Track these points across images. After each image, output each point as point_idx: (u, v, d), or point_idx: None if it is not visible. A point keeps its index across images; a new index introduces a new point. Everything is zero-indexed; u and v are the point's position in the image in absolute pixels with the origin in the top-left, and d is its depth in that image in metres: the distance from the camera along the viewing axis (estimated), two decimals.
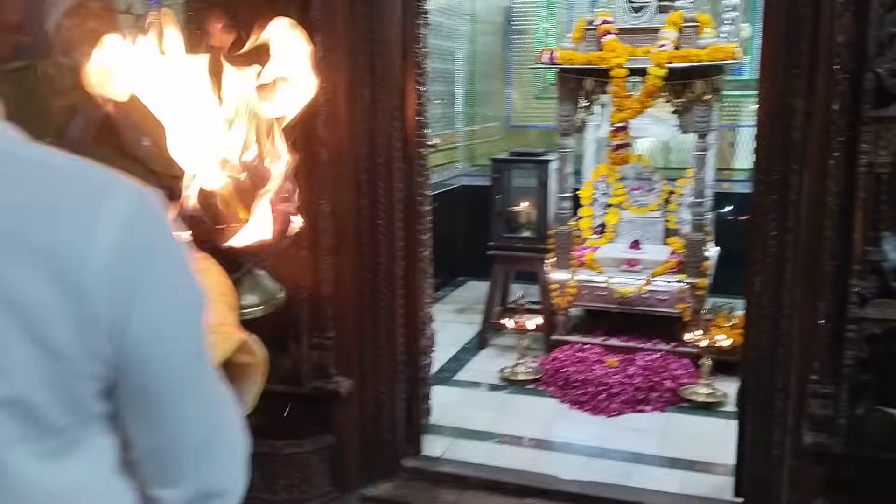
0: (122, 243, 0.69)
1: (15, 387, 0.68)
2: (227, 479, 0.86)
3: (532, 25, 6.11)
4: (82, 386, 0.72)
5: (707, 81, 3.92)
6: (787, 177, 2.37)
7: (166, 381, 0.77)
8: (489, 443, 3.38)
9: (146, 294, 0.71)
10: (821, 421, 2.25)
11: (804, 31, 2.24)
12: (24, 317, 0.67)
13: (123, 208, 0.70)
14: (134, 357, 0.73)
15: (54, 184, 0.70)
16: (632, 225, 4.64)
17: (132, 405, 0.77)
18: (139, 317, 0.71)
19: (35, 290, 0.67)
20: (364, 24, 2.73)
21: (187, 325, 0.78)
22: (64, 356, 0.69)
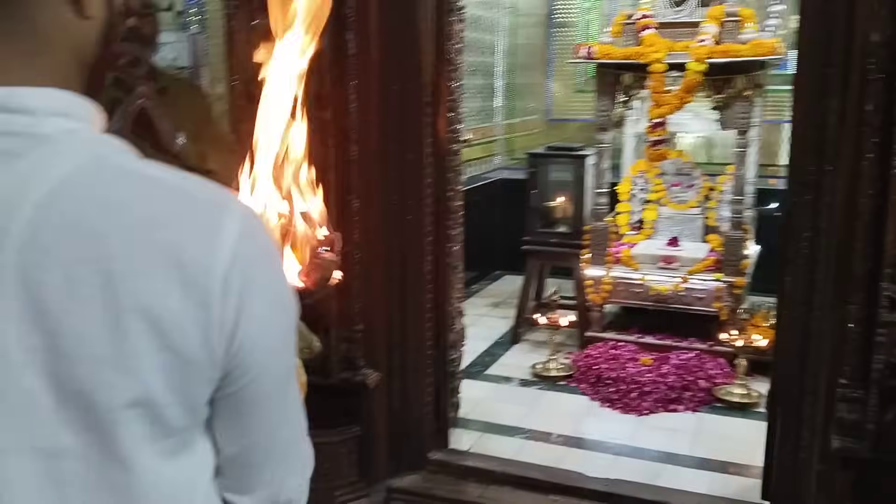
0: (237, 253, 0.73)
1: (144, 389, 0.72)
2: (296, 489, 0.88)
3: (574, 18, 6.07)
4: (201, 390, 0.76)
5: (748, 77, 3.85)
6: (820, 177, 2.32)
7: (261, 389, 0.80)
8: (517, 438, 3.40)
9: (253, 302, 0.75)
10: (849, 425, 2.21)
11: (839, 29, 2.20)
12: (158, 324, 0.70)
13: (240, 222, 0.74)
14: (238, 363, 0.76)
15: (182, 201, 0.74)
16: (671, 221, 4.60)
17: (225, 412, 0.80)
18: (247, 323, 0.75)
19: (167, 298, 0.70)
20: (396, 18, 2.75)
21: (285, 334, 0.81)
22: (191, 361, 0.73)
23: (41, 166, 0.70)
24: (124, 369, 0.71)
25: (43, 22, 0.74)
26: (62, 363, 0.70)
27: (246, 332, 0.75)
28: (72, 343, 0.70)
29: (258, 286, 0.76)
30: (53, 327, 0.70)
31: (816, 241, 2.34)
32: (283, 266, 0.84)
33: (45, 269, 0.69)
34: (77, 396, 0.71)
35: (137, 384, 0.71)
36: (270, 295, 0.78)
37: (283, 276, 0.83)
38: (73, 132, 0.74)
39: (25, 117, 0.71)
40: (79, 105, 0.76)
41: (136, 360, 0.71)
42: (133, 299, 0.70)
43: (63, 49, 0.76)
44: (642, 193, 4.68)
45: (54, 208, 0.69)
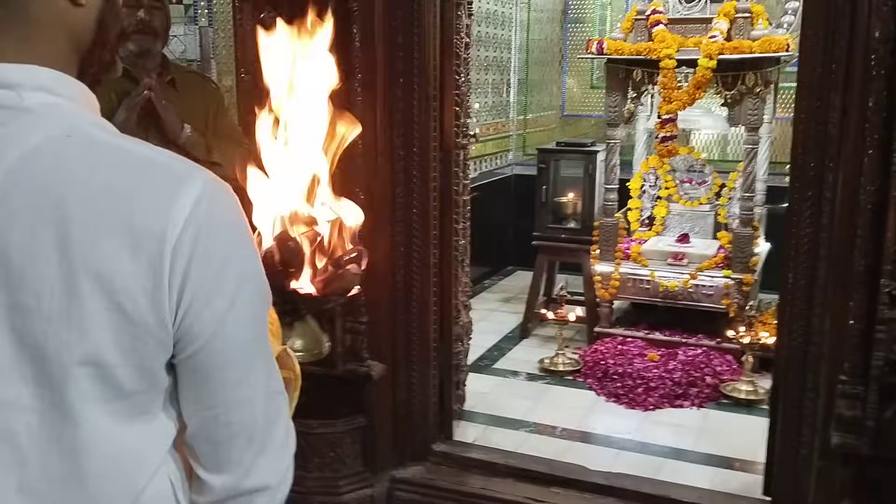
0: (190, 221, 0.76)
1: (94, 348, 0.75)
2: (273, 474, 0.88)
3: (589, 13, 6.06)
4: (153, 354, 0.78)
5: (759, 74, 3.84)
6: (822, 173, 2.32)
7: (215, 358, 0.81)
8: (522, 431, 3.41)
9: (203, 269, 0.77)
10: (849, 422, 2.20)
11: (842, 25, 2.19)
12: (108, 286, 0.74)
13: (199, 191, 0.78)
14: (187, 328, 0.79)
15: (145, 170, 0.78)
16: (681, 218, 4.59)
17: (184, 380, 0.83)
18: (194, 289, 0.77)
19: (118, 262, 0.74)
20: (402, 11, 2.77)
21: (243, 305, 0.82)
22: (140, 324, 0.76)
23: (18, 135, 0.76)
24: (76, 328, 0.75)
25: (36, 9, 0.79)
26: (20, 318, 0.75)
27: (194, 298, 0.78)
28: (30, 299, 0.74)
29: (210, 254, 0.78)
30: (15, 283, 0.74)
31: (817, 237, 2.34)
32: (249, 239, 0.85)
33: (10, 229, 0.74)
34: (32, 350, 0.75)
35: (87, 343, 0.75)
36: (223, 264, 0.80)
37: (246, 248, 0.84)
38: (54, 106, 0.79)
39: (8, 91, 0.77)
40: (61, 81, 0.80)
41: (86, 320, 0.75)
42: (85, 261, 0.74)
43: (57, 35, 0.81)
44: (653, 190, 4.67)
45: (23, 173, 0.75)
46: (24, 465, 0.76)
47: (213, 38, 3.30)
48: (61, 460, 0.77)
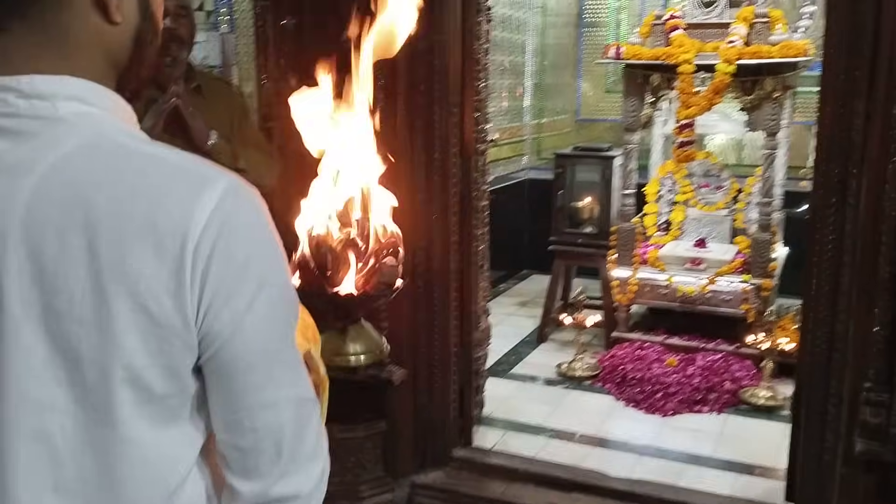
0: (211, 222, 0.77)
1: (123, 351, 0.77)
2: (304, 481, 0.87)
3: (604, 18, 6.06)
4: (180, 355, 0.79)
5: (777, 79, 3.83)
6: (846, 180, 2.32)
7: (237, 360, 0.82)
8: (542, 437, 3.41)
9: (222, 269, 0.78)
10: (873, 429, 2.21)
11: (866, 32, 2.19)
12: (134, 288, 0.76)
13: (221, 193, 0.79)
14: (211, 328, 0.80)
15: (170, 173, 0.79)
16: (698, 223, 4.58)
17: (211, 383, 0.83)
18: (213, 289, 0.78)
19: (142, 264, 0.76)
20: (423, 19, 2.78)
21: (264, 307, 0.82)
22: (164, 325, 0.77)
23: (51, 143, 0.78)
24: (105, 330, 0.77)
25: (75, 28, 0.81)
26: (54, 320, 0.77)
27: (214, 296, 0.78)
28: (63, 303, 0.76)
29: (230, 253, 0.79)
30: (49, 286, 0.77)
31: (841, 243, 2.34)
32: (272, 243, 0.85)
33: (43, 233, 0.76)
34: (66, 353, 0.77)
35: (117, 345, 0.77)
36: (243, 264, 0.80)
37: (269, 250, 0.84)
38: (86, 115, 0.81)
39: (43, 102, 0.79)
40: (95, 91, 0.83)
41: (114, 323, 0.76)
42: (112, 264, 0.76)
43: (94, 52, 0.83)
44: (670, 194, 4.66)
45: (55, 180, 0.77)
46: (60, 465, 0.78)
47: (234, 45, 3.33)
48: (96, 462, 0.79)
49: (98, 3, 0.81)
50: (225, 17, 3.30)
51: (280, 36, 2.88)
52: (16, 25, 0.79)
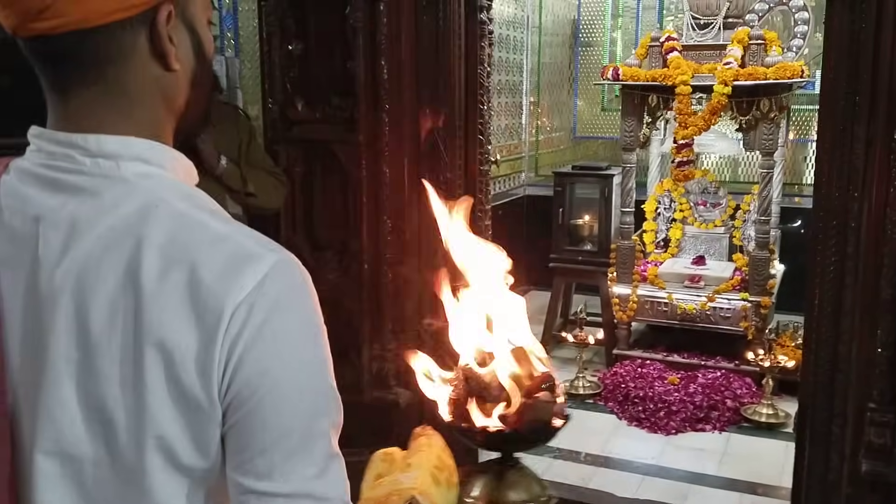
0: (248, 298, 0.76)
1: (154, 418, 0.77)
2: None
3: (599, 38, 6.13)
4: (207, 429, 0.78)
5: (773, 99, 3.88)
6: (846, 203, 2.35)
7: (259, 439, 0.78)
8: (546, 457, 3.43)
9: (252, 349, 0.77)
10: (878, 449, 2.23)
11: (865, 56, 2.23)
12: (169, 357, 0.76)
13: (265, 271, 0.77)
14: (234, 404, 0.77)
15: (218, 246, 0.78)
16: (696, 240, 4.63)
17: (227, 459, 0.80)
18: (240, 369, 0.76)
19: (180, 335, 0.76)
20: (428, 44, 2.82)
21: (289, 389, 0.79)
22: (192, 397, 0.76)
23: (112, 204, 0.79)
24: (140, 396, 0.77)
25: (134, 81, 0.82)
26: (92, 380, 0.78)
27: (235, 374, 0.76)
28: (102, 364, 0.77)
29: (260, 334, 0.76)
30: (92, 347, 0.77)
31: (843, 265, 2.36)
32: (311, 325, 0.81)
33: (93, 293, 0.77)
34: (100, 413, 0.78)
35: (149, 412, 0.77)
36: (270, 345, 0.77)
37: (305, 334, 0.80)
38: (149, 176, 0.82)
39: (108, 161, 0.80)
40: (158, 151, 0.84)
41: (148, 390, 0.77)
42: (152, 330, 0.76)
43: (154, 102, 0.84)
44: (667, 212, 4.71)
45: (112, 241, 0.78)
46: None
47: (239, 68, 3.35)
48: None
49: (157, 53, 0.82)
50: (230, 40, 3.33)
51: (286, 60, 2.91)
52: (78, 86, 0.81)
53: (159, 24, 0.81)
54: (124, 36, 0.80)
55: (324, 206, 2.99)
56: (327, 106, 2.88)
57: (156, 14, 0.81)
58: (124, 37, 0.80)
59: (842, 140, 2.34)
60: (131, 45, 0.81)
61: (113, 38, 0.79)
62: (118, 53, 0.80)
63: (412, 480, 1.04)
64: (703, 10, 4.15)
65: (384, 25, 2.69)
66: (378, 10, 2.66)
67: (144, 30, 0.81)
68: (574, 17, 6.17)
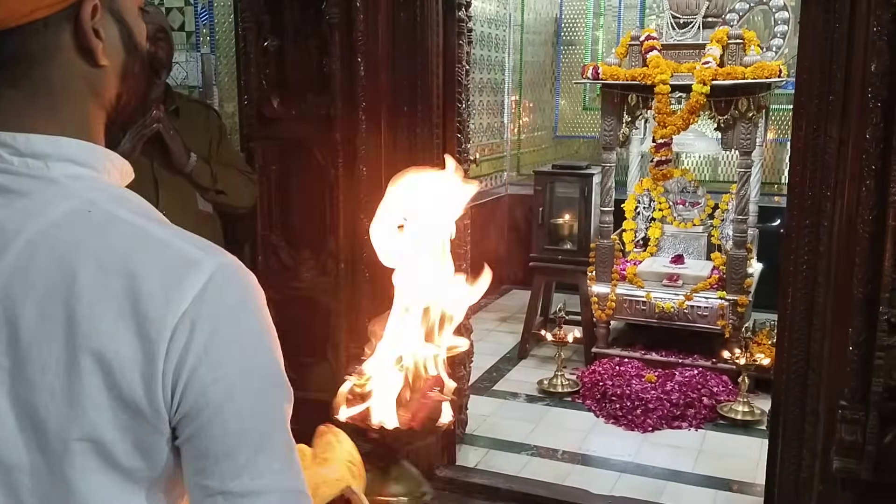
0: (191, 308, 0.75)
1: (93, 426, 0.76)
2: None
3: (581, 37, 6.14)
4: (149, 436, 0.77)
5: (751, 98, 3.90)
6: (820, 202, 2.37)
7: (217, 444, 0.78)
8: (524, 455, 3.43)
9: (202, 359, 0.76)
10: (849, 447, 2.24)
11: (839, 58, 2.25)
12: (108, 367, 0.74)
13: (205, 279, 0.76)
14: (186, 414, 0.77)
15: (157, 253, 0.77)
16: (675, 239, 4.65)
17: (190, 467, 0.80)
18: (193, 379, 0.76)
19: (120, 345, 0.74)
20: (405, 41, 2.81)
21: (246, 395, 0.79)
22: (133, 407, 0.76)
23: (40, 207, 0.77)
24: (76, 405, 0.75)
25: (60, 79, 0.80)
26: (24, 388, 0.76)
27: (188, 385, 0.76)
28: (34, 372, 0.76)
29: (207, 344, 0.75)
30: (23, 355, 0.76)
31: (815, 264, 2.38)
32: (259, 328, 0.81)
33: (23, 300, 0.75)
34: (33, 421, 0.77)
35: (86, 420, 0.76)
36: (222, 353, 0.77)
37: (254, 337, 0.80)
38: (79, 178, 0.80)
39: (37, 161, 0.78)
40: (89, 152, 0.82)
41: (85, 398, 0.75)
42: (88, 340, 0.74)
43: (83, 98, 0.82)
44: (647, 211, 4.73)
45: (41, 246, 0.76)
46: None
47: (215, 65, 3.33)
48: None
49: (83, 49, 0.80)
50: (206, 37, 3.30)
51: (262, 57, 2.90)
52: (1, 86, 0.79)
53: (84, 20, 0.79)
54: (47, 34, 0.78)
55: (300, 204, 2.97)
56: (303, 103, 2.87)
57: (79, 9, 0.78)
58: (47, 35, 0.78)
59: (815, 140, 2.36)
60: (55, 43, 0.79)
61: (35, 36, 0.77)
62: (42, 52, 0.78)
63: (335, 473, 1.06)
64: (682, 9, 4.17)
65: (360, 22, 2.68)
66: (354, 6, 2.65)
67: (69, 26, 0.79)
68: (556, 16, 6.18)
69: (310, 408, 1.57)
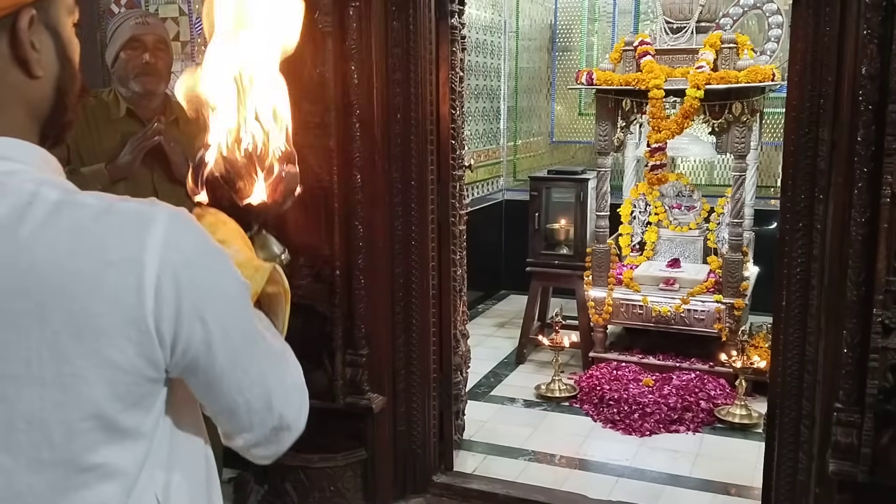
0: (164, 264, 0.78)
1: (93, 404, 0.78)
2: (292, 414, 0.95)
3: (576, 42, 6.16)
4: (149, 392, 0.82)
5: (745, 102, 3.92)
6: (812, 205, 2.38)
7: (225, 364, 0.86)
8: (522, 460, 3.43)
9: (193, 301, 0.80)
10: (845, 449, 2.25)
11: (829, 61, 2.26)
12: (94, 344, 0.77)
13: (163, 232, 0.79)
14: (190, 353, 0.82)
15: (106, 223, 0.79)
16: (671, 243, 4.65)
17: (199, 388, 0.88)
18: (187, 320, 0.80)
19: (99, 318, 0.76)
20: (399, 49, 2.82)
21: (235, 323, 0.86)
22: (130, 371, 0.79)
23: None
24: (71, 388, 0.77)
25: None
26: (12, 387, 0.77)
27: (186, 327, 0.81)
28: (18, 368, 0.77)
29: (192, 287, 0.81)
30: None
31: (809, 266, 2.39)
32: (220, 258, 0.87)
33: None
34: (28, 415, 0.78)
35: (85, 400, 0.78)
36: (210, 291, 0.83)
37: (221, 267, 0.86)
38: (14, 173, 0.81)
39: None
40: (21, 148, 0.83)
41: (79, 380, 0.77)
42: (66, 324, 0.76)
43: (16, 108, 0.83)
44: (643, 215, 4.73)
45: None
46: None
47: None
48: None
49: (18, 59, 0.81)
50: (201, 46, 3.31)
51: None
52: None
53: (20, 30, 0.80)
54: None
55: (296, 211, 2.97)
56: (298, 111, 2.87)
57: (16, 20, 0.79)
58: None
59: (807, 143, 2.38)
60: None
61: None
62: None
63: (237, 253, 1.08)
64: (675, 14, 4.18)
65: (354, 31, 2.69)
66: (347, 14, 2.66)
67: (5, 36, 0.80)
68: (551, 22, 6.20)
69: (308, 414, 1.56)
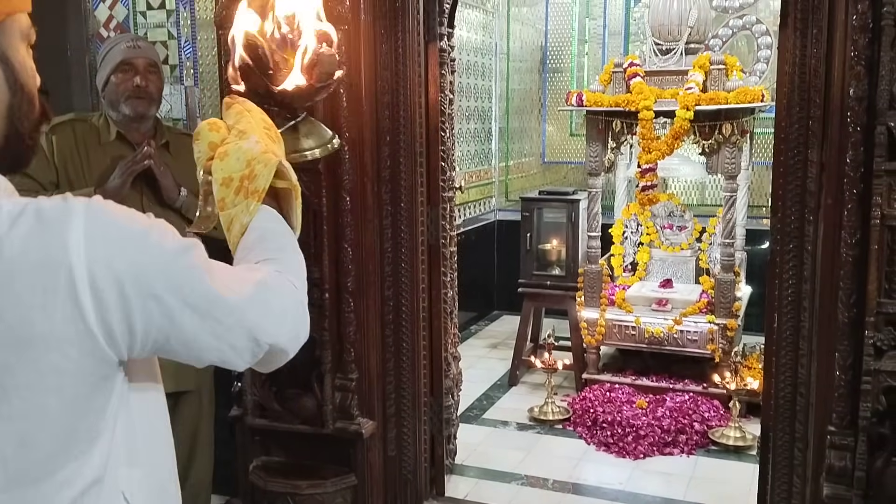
0: (93, 259, 0.78)
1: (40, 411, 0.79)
2: (284, 338, 0.97)
3: (567, 64, 6.19)
4: (100, 388, 0.83)
5: (735, 123, 3.92)
6: (803, 227, 2.37)
7: (192, 329, 0.86)
8: (514, 484, 3.40)
9: (137, 285, 0.80)
10: (839, 472, 2.22)
11: (817, 83, 2.26)
12: (34, 353, 0.77)
13: (82, 227, 0.79)
14: (151, 334, 0.83)
15: (23, 226, 0.78)
16: (663, 263, 4.64)
17: (172, 352, 0.88)
18: (142, 305, 0.81)
19: (34, 324, 0.76)
20: (388, 72, 2.82)
21: (185, 280, 0.85)
22: (77, 371, 0.79)
23: None
24: (16, 399, 0.78)
25: None
26: None
27: (139, 312, 0.81)
28: None
29: (133, 271, 0.81)
30: None
31: (800, 288, 2.38)
32: (147, 231, 0.86)
33: None
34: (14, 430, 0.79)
35: (32, 407, 0.78)
36: (150, 267, 0.83)
37: (152, 237, 0.85)
38: None
39: None
40: None
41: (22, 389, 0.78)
42: (17, 329, 0.76)
43: None
44: (634, 236, 4.73)
45: None
46: None
47: (198, 98, 3.33)
48: None
49: None
50: (190, 70, 3.31)
51: None
52: None
53: None
54: None
55: None
56: None
57: None
58: None
59: (795, 164, 2.37)
60: None
61: None
62: None
63: (255, 145, 1.08)
64: (665, 35, 4.20)
65: (342, 53, 2.68)
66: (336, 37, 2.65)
67: None
68: (542, 44, 6.23)
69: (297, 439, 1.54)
